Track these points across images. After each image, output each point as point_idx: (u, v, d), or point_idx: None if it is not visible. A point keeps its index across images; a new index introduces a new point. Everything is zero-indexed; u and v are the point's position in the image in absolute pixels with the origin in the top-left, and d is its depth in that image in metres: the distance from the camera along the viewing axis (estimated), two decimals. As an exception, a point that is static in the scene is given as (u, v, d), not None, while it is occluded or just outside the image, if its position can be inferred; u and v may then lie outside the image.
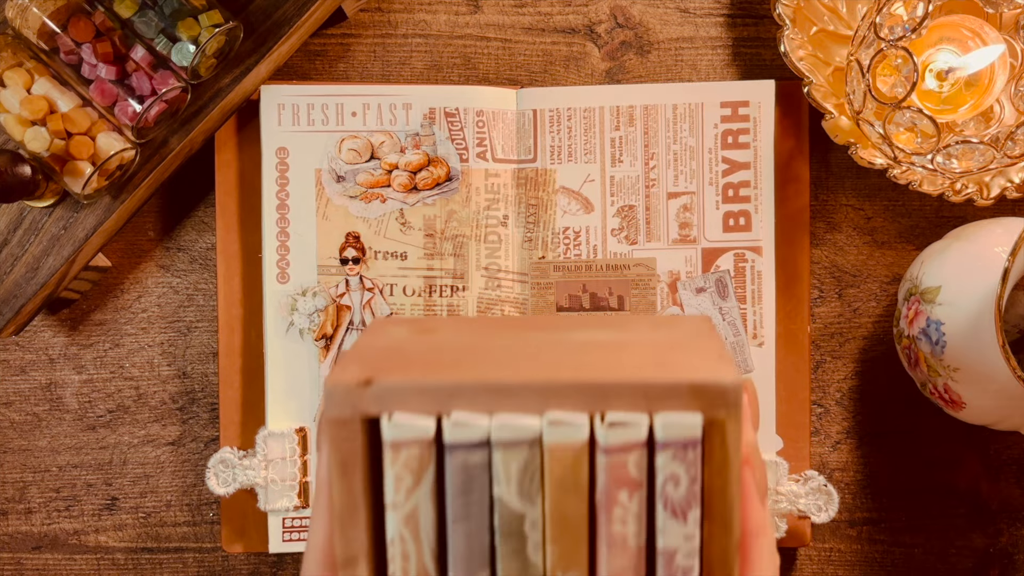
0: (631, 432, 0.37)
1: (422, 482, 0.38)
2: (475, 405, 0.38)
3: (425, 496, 0.38)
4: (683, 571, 0.38)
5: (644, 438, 0.37)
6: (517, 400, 0.38)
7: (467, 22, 0.63)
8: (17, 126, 0.55)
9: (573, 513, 0.38)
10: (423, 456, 0.38)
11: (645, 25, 0.63)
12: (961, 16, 0.60)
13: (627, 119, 0.62)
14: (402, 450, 0.38)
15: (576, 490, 0.38)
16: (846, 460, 0.64)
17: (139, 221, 0.63)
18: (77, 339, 0.64)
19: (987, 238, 0.56)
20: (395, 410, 0.38)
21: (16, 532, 0.64)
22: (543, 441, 0.38)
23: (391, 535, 0.39)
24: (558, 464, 0.38)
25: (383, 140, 0.61)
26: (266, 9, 0.58)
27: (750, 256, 0.61)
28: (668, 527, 0.38)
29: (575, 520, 0.38)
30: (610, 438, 0.37)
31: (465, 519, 0.38)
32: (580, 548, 0.38)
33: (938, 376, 0.57)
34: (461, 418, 0.38)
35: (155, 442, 0.64)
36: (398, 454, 0.38)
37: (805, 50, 0.60)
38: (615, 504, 0.38)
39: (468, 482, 0.38)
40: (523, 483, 0.38)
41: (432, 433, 0.38)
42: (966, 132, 0.60)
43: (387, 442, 0.38)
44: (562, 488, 0.38)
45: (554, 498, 0.38)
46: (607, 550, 0.38)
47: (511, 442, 0.38)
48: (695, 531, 0.38)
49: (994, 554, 0.64)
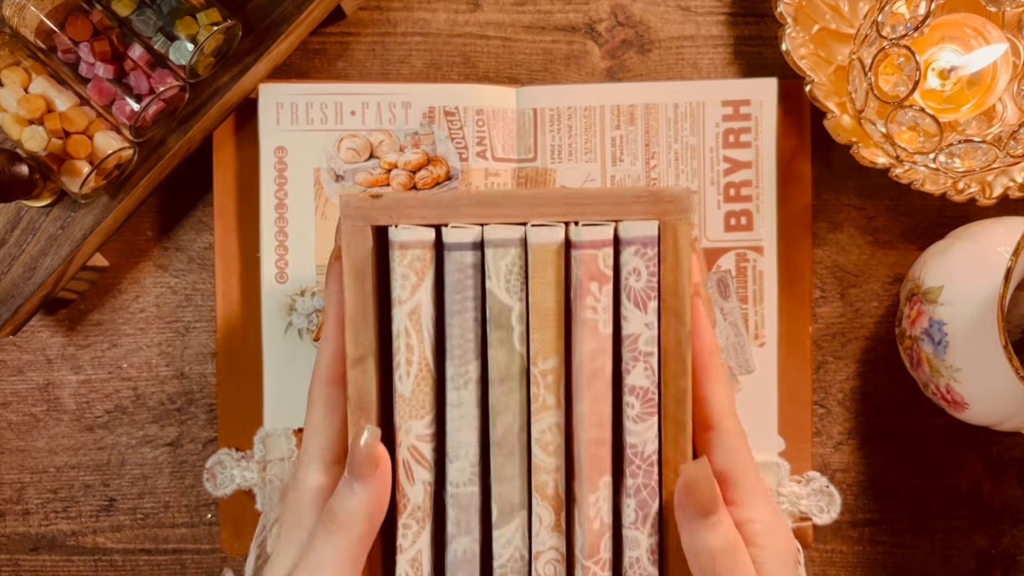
0: (600, 231, 0.44)
1: (424, 281, 0.45)
2: (469, 217, 0.45)
3: (426, 293, 0.45)
4: (644, 355, 0.45)
5: (611, 237, 0.44)
6: (505, 210, 0.45)
7: (467, 20, 0.63)
8: (14, 125, 0.55)
9: (552, 306, 0.45)
10: (425, 257, 0.45)
11: (646, 23, 0.63)
12: (964, 15, 0.59)
13: (628, 118, 0.61)
14: (408, 251, 0.44)
15: (555, 284, 0.45)
16: (848, 461, 0.64)
17: (137, 221, 0.63)
18: (75, 339, 0.63)
19: (990, 238, 0.56)
20: (401, 222, 0.45)
21: (13, 533, 0.63)
22: (527, 241, 0.44)
23: (397, 329, 0.45)
24: (539, 262, 0.44)
25: (382, 139, 0.61)
26: (265, 7, 0.58)
27: (752, 256, 0.61)
28: (631, 315, 0.45)
29: (554, 312, 0.45)
30: (583, 234, 0.44)
31: (460, 313, 0.45)
32: (558, 338, 0.45)
33: (940, 376, 0.56)
34: (458, 225, 0.45)
35: (153, 443, 0.63)
36: (404, 254, 0.44)
37: (807, 49, 0.60)
38: (587, 293, 0.44)
39: (463, 280, 0.45)
40: (509, 280, 0.45)
41: (433, 237, 0.45)
42: (968, 131, 0.60)
43: (395, 243, 0.44)
44: (543, 282, 0.44)
45: (536, 292, 0.45)
46: (580, 334, 0.45)
47: (500, 242, 0.44)
48: (654, 320, 0.45)
49: (996, 555, 0.64)
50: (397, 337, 0.45)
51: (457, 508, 0.46)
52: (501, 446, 0.46)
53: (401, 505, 0.46)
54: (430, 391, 0.46)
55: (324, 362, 0.47)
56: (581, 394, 0.45)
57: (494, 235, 0.44)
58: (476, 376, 0.46)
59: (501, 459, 0.46)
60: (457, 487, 0.46)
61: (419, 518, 0.46)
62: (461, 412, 0.46)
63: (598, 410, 0.45)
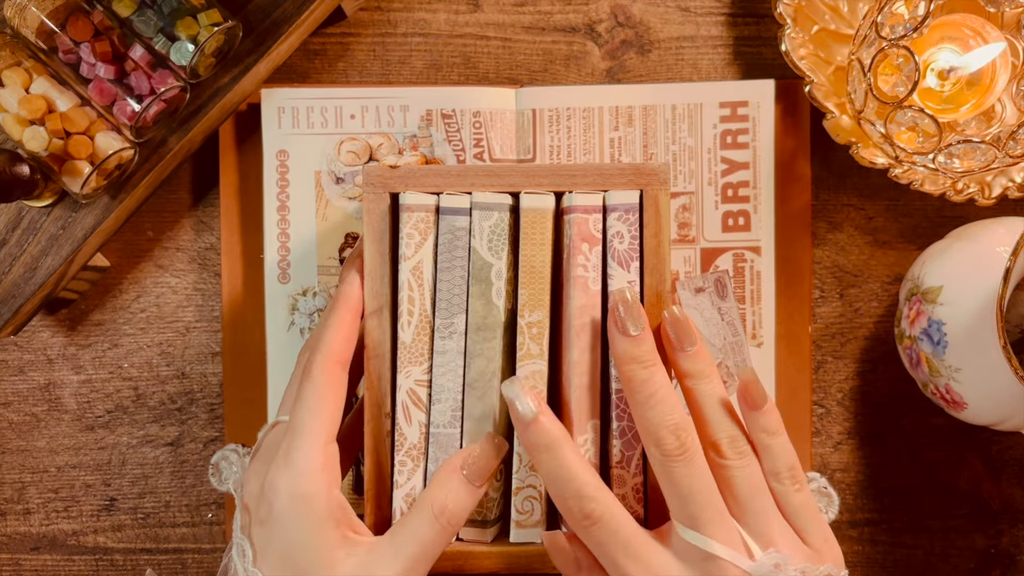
0: (591, 198, 0.51)
1: (427, 241, 0.51)
2: (474, 186, 0.51)
3: (428, 252, 0.51)
4: None
5: (600, 204, 0.51)
6: (507, 180, 0.51)
7: (467, 21, 0.63)
8: (15, 125, 0.55)
9: (539, 265, 0.51)
10: (427, 219, 0.51)
11: (646, 24, 0.63)
12: (962, 15, 0.59)
13: (626, 119, 0.61)
14: (414, 213, 0.51)
15: (544, 245, 0.51)
16: (847, 461, 0.64)
17: (138, 221, 0.63)
18: (76, 339, 0.63)
19: (989, 238, 0.56)
20: (410, 189, 0.51)
21: (15, 533, 0.64)
22: (520, 206, 0.51)
23: (402, 281, 0.51)
24: (531, 224, 0.51)
25: (381, 142, 0.61)
26: (265, 8, 0.58)
27: (749, 256, 0.61)
28: (616, 273, 0.50)
29: (541, 271, 0.51)
30: (575, 200, 0.50)
31: (449, 270, 0.51)
32: (544, 293, 0.51)
33: (940, 376, 0.56)
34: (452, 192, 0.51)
35: (154, 443, 0.64)
36: (410, 216, 0.51)
37: (806, 49, 0.60)
38: (579, 253, 0.50)
39: (453, 241, 0.51)
40: (492, 240, 0.51)
41: (435, 202, 0.51)
42: (967, 131, 0.60)
43: (403, 206, 0.51)
44: (533, 243, 0.51)
45: (525, 252, 0.51)
46: (572, 289, 0.50)
47: (486, 205, 0.51)
48: (636, 278, 0.51)
49: (996, 555, 0.64)
50: (401, 290, 0.51)
51: (437, 447, 0.51)
52: (474, 387, 0.51)
53: (399, 444, 0.51)
54: (428, 340, 0.51)
55: (334, 342, 0.50)
56: (571, 344, 0.50)
57: (481, 199, 0.51)
58: (462, 328, 0.51)
59: (473, 399, 0.51)
60: (439, 428, 0.51)
61: (414, 456, 0.51)
62: (446, 359, 0.51)
63: (586, 359, 0.50)
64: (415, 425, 0.51)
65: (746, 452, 0.48)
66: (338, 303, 0.51)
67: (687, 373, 0.49)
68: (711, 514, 0.46)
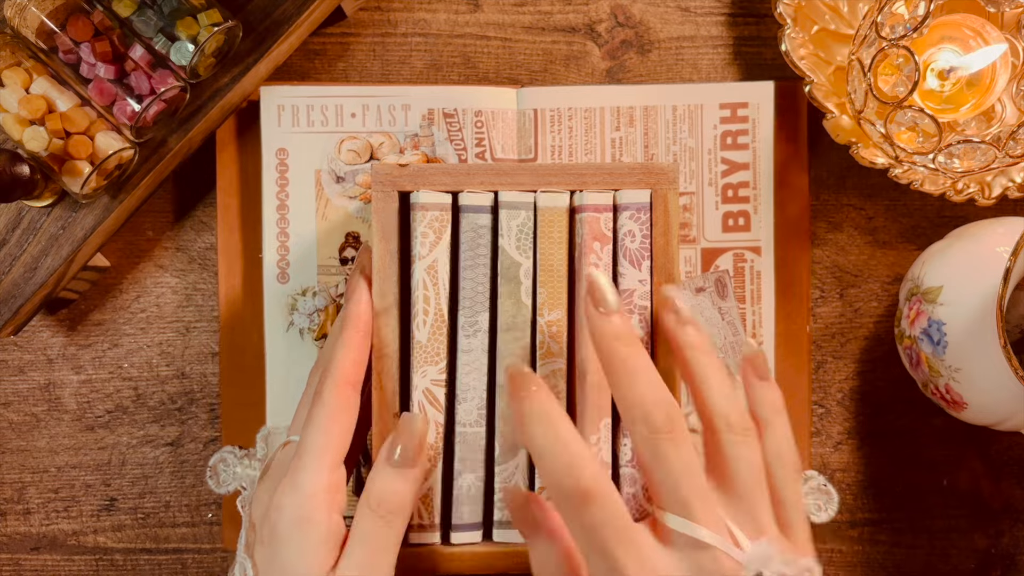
0: (602, 197, 0.51)
1: (442, 239, 0.51)
2: (484, 184, 0.51)
3: (443, 251, 0.51)
4: (639, 308, 0.51)
5: (611, 203, 0.51)
6: (516, 179, 0.51)
7: (467, 21, 0.63)
8: (16, 125, 0.55)
9: (557, 264, 0.51)
10: (443, 218, 0.51)
11: (646, 24, 0.63)
12: (963, 15, 0.59)
13: (627, 120, 0.61)
14: (428, 211, 0.50)
15: (560, 244, 0.51)
16: (847, 461, 0.64)
17: (138, 221, 0.63)
18: (76, 339, 0.63)
19: (989, 238, 0.56)
20: (423, 188, 0.51)
21: (14, 533, 0.64)
22: (536, 205, 0.51)
23: (416, 280, 0.51)
24: (547, 223, 0.51)
25: (382, 141, 0.61)
26: (265, 8, 0.58)
27: (749, 256, 0.61)
28: (627, 272, 0.51)
29: (559, 269, 0.51)
30: (587, 199, 0.50)
31: (472, 268, 0.51)
32: (562, 292, 0.51)
33: (939, 376, 0.56)
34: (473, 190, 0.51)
35: (154, 443, 0.64)
36: (424, 215, 0.50)
37: (806, 49, 0.60)
38: (591, 251, 0.50)
39: (476, 239, 0.51)
40: (520, 238, 0.51)
41: (450, 201, 0.51)
42: (968, 131, 0.60)
43: (416, 205, 0.51)
44: (550, 241, 0.51)
45: (544, 250, 0.51)
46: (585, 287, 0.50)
47: (513, 204, 0.51)
48: (647, 277, 0.51)
49: (996, 555, 0.64)
50: (415, 290, 0.51)
51: (464, 446, 0.51)
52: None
53: None
54: (444, 339, 0.51)
55: (344, 365, 0.49)
56: (584, 342, 0.50)
57: (508, 198, 0.51)
58: (486, 326, 0.51)
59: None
60: (465, 427, 0.51)
61: (431, 457, 0.51)
62: (471, 358, 0.51)
63: None
64: (431, 425, 0.51)
65: (752, 430, 0.47)
66: (347, 323, 0.50)
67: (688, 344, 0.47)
68: (702, 500, 0.44)
